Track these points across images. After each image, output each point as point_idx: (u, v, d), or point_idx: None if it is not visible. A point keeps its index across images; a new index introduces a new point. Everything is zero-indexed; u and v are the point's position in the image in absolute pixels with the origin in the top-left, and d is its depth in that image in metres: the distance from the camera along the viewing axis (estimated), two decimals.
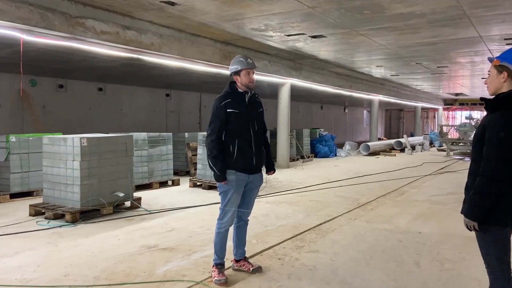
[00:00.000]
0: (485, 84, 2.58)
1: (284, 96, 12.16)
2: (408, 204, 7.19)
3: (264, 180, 3.99)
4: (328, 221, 5.94)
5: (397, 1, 5.99)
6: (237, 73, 3.70)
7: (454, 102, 30.92)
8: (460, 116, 35.50)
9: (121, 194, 6.32)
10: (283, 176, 10.39)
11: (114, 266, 4.05)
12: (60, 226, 5.54)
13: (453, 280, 3.73)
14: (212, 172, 3.66)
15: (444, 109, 32.13)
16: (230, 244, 3.92)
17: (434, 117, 35.68)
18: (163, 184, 8.80)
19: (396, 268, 4.03)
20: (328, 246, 4.73)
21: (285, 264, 4.12)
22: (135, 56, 7.70)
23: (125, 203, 6.65)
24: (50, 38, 6.26)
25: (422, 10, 6.43)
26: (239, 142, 3.63)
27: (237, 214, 3.83)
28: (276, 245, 4.77)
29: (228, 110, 3.61)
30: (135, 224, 5.70)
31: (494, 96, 2.44)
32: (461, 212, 2.57)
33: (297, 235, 5.20)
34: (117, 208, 6.36)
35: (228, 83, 3.78)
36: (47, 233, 5.28)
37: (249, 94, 3.76)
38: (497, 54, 8.25)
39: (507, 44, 9.09)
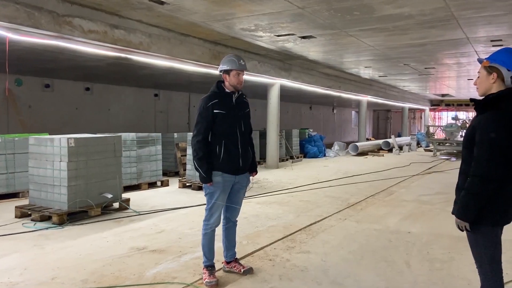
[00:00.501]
0: (475, 85, 2.60)
1: (274, 97, 12.15)
2: (397, 204, 7.23)
3: (250, 181, 3.96)
4: (318, 221, 5.95)
5: (386, 2, 6.03)
6: (227, 72, 3.65)
7: (440, 103, 31.32)
8: (446, 117, 35.96)
9: (110, 195, 6.24)
10: (273, 177, 10.38)
11: (103, 269, 3.98)
12: (47, 228, 5.44)
13: (443, 280, 3.75)
14: (198, 174, 3.62)
15: (430, 110, 32.50)
16: (220, 245, 3.89)
17: (421, 117, 36.06)
18: (152, 185, 8.72)
19: (387, 268, 4.05)
20: (319, 247, 4.73)
21: (276, 265, 4.10)
22: (123, 55, 7.61)
23: (114, 204, 6.56)
24: (37, 37, 6.15)
25: (411, 11, 6.48)
26: (226, 143, 3.59)
27: (225, 216, 3.80)
28: (267, 246, 4.76)
29: (215, 111, 3.55)
30: (124, 226, 5.63)
31: (483, 97, 2.45)
32: (452, 213, 2.58)
33: (288, 235, 5.19)
34: (106, 210, 6.27)
35: (215, 83, 3.72)
36: (33, 235, 5.17)
37: (236, 95, 3.72)
38: (484, 56, 8.38)
39: (493, 46, 9.22)
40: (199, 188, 8.28)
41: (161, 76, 11.99)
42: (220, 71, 3.70)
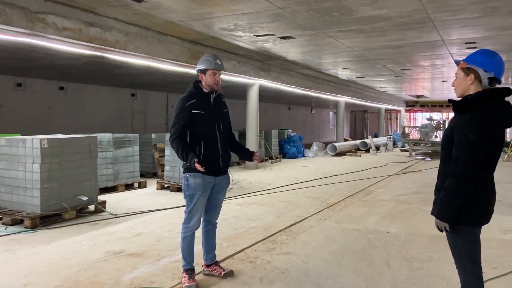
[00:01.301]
0: (453, 86, 2.61)
1: (253, 97, 12.12)
2: (375, 204, 7.30)
3: (230, 182, 3.91)
4: (298, 222, 5.94)
5: (365, 4, 6.07)
6: (203, 72, 3.58)
7: (415, 104, 31.98)
8: (421, 118, 36.77)
9: (85, 198, 6.06)
10: (252, 177, 10.34)
11: (78, 274, 3.85)
12: (19, 232, 5.23)
13: (423, 280, 3.78)
14: (185, 175, 3.54)
15: (406, 111, 33.14)
16: (199, 248, 3.82)
17: (397, 118, 36.74)
18: (129, 186, 8.53)
19: (367, 268, 4.06)
20: (299, 248, 4.71)
21: (257, 268, 4.06)
22: (99, 54, 7.43)
23: (89, 207, 6.38)
24: (8, 34, 5.91)
25: (389, 13, 6.55)
26: (205, 144, 3.52)
27: (204, 218, 3.74)
28: (248, 247, 4.70)
29: (193, 111, 3.48)
30: (100, 229, 5.47)
31: (461, 98, 2.46)
32: (432, 213, 2.59)
33: (268, 237, 5.15)
34: (80, 213, 6.09)
35: (193, 82, 3.65)
36: (4, 239, 4.97)
37: (214, 95, 3.65)
38: (458, 58, 8.54)
39: (467, 48, 9.44)
40: (178, 190, 8.16)
41: (139, 76, 11.77)
42: (197, 71, 3.64)
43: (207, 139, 3.54)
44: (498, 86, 2.45)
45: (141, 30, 7.60)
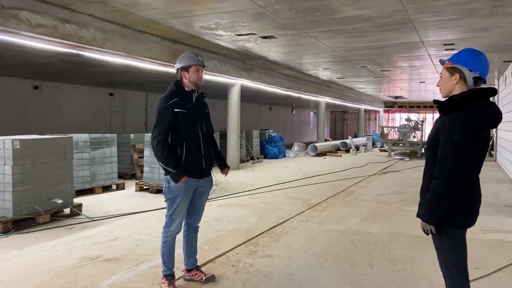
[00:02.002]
0: (437, 86, 2.58)
1: (234, 97, 12.01)
2: (356, 204, 7.30)
3: (214, 183, 3.80)
4: (281, 223, 5.87)
5: (347, 4, 6.05)
6: (185, 69, 3.46)
7: (393, 105, 32.43)
8: (399, 118, 37.36)
9: (60, 201, 5.84)
10: (233, 178, 10.23)
11: (52, 281, 3.68)
12: None
13: (406, 281, 3.76)
14: (166, 177, 3.40)
15: (384, 111, 33.58)
16: (180, 252, 3.70)
17: (375, 118, 37.23)
18: (106, 188, 8.30)
19: (351, 270, 4.01)
20: (282, 250, 4.63)
21: (239, 271, 3.96)
22: (75, 52, 7.18)
23: (64, 210, 6.15)
24: None
25: (370, 13, 6.55)
26: (187, 145, 3.41)
27: (186, 221, 3.62)
28: (229, 251, 4.60)
29: (175, 110, 3.36)
30: (76, 233, 5.27)
31: (446, 98, 2.42)
32: (417, 216, 2.55)
33: (250, 239, 5.06)
34: (55, 216, 5.86)
35: (174, 81, 3.52)
36: None
37: (196, 94, 3.54)
38: (436, 59, 8.59)
39: (445, 50, 9.57)
40: (157, 191, 7.99)
41: (117, 75, 11.51)
42: (178, 69, 3.51)
43: (189, 139, 3.44)
44: (483, 86, 2.42)
45: (119, 28, 7.40)
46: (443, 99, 2.49)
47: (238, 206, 7.03)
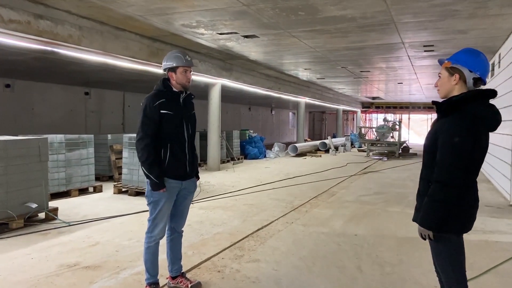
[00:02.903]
0: (436, 86, 2.50)
1: (215, 97, 11.84)
2: (340, 205, 7.27)
3: (197, 186, 3.65)
4: (265, 226, 5.76)
5: (331, 4, 6.00)
6: (172, 70, 3.32)
7: (371, 105, 32.85)
8: (376, 119, 37.92)
9: (34, 205, 5.56)
10: (214, 179, 10.07)
11: None
12: None
13: (395, 285, 3.71)
14: (148, 181, 3.24)
15: (362, 112, 33.99)
16: (163, 258, 3.54)
17: (353, 119, 37.65)
18: (83, 191, 8.00)
19: (340, 274, 3.94)
20: (268, 254, 4.52)
21: (226, 278, 3.82)
22: (49, 49, 6.88)
23: (39, 214, 5.87)
24: None
25: (354, 14, 6.52)
26: (172, 147, 3.27)
27: (169, 226, 3.46)
28: (214, 255, 4.46)
29: (161, 111, 3.21)
30: (52, 239, 5.02)
31: (446, 100, 2.36)
32: (414, 220, 2.48)
33: (235, 243, 4.93)
34: (29, 221, 5.58)
35: (161, 80, 3.36)
36: None
37: (183, 95, 3.39)
38: (415, 60, 8.57)
39: (425, 51, 9.68)
40: (137, 194, 7.76)
41: (93, 73, 11.16)
42: (165, 70, 3.36)
43: (174, 141, 3.29)
44: (482, 87, 2.37)
45: (96, 25, 7.14)
46: (440, 100, 2.43)
47: (220, 208, 6.89)
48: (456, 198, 2.21)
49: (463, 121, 2.21)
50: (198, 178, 3.65)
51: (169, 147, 3.26)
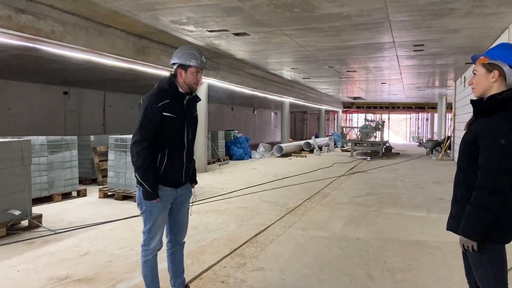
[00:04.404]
0: (470, 84, 2.33)
1: (201, 97, 11.50)
2: (335, 207, 7.12)
3: (193, 192, 3.36)
4: (263, 230, 5.54)
5: (329, 0, 5.83)
6: (183, 67, 2.98)
7: (352, 105, 33.07)
8: (357, 119, 38.25)
9: (17, 212, 5.18)
10: (203, 181, 9.78)
11: None
12: None
13: None
14: (141, 188, 2.92)
15: (343, 112, 34.17)
16: (161, 267, 3.28)
17: (334, 119, 37.86)
18: (66, 195, 7.58)
19: (351, 283, 3.75)
20: (272, 262, 4.31)
21: None
22: (30, 45, 6.49)
23: (22, 222, 5.48)
24: None
25: (350, 11, 6.38)
26: (170, 153, 2.97)
27: (170, 238, 3.19)
28: (215, 264, 4.22)
29: (164, 114, 2.90)
30: (38, 249, 4.66)
31: (487, 98, 2.18)
32: (449, 229, 2.31)
33: (235, 249, 4.70)
34: (12, 229, 5.20)
35: (166, 78, 3.03)
36: None
37: (188, 97, 3.07)
38: (403, 60, 8.43)
39: (414, 51, 9.66)
40: (124, 198, 7.42)
41: (73, 72, 10.69)
42: (174, 64, 3.02)
43: (173, 146, 2.99)
44: None
45: (80, 20, 6.77)
46: (476, 99, 2.26)
47: (213, 212, 6.63)
48: (503, 205, 2.05)
49: (509, 122, 2.05)
50: (196, 182, 3.40)
51: (166, 152, 2.96)
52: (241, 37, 8.34)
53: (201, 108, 11.57)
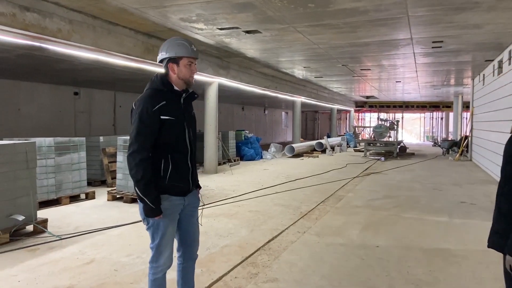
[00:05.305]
0: None
1: (212, 96, 11.32)
2: (350, 211, 6.82)
3: (200, 198, 3.06)
4: (276, 236, 5.29)
5: None
6: (174, 61, 2.68)
7: (364, 104, 32.56)
8: (369, 118, 37.72)
9: (21, 217, 4.99)
10: (213, 183, 9.56)
11: None
12: None
13: None
14: (142, 204, 2.64)
15: (355, 111, 33.68)
16: (170, 277, 3.04)
17: (346, 118, 37.37)
18: (74, 198, 7.42)
19: None
20: (286, 272, 4.05)
21: None
22: (37, 44, 6.31)
23: (27, 227, 5.30)
24: None
25: (367, 6, 6.07)
26: (174, 159, 2.69)
27: (181, 253, 2.92)
28: (226, 274, 3.98)
29: (162, 117, 2.62)
30: (41, 256, 4.47)
31: None
32: (490, 246, 2.03)
33: (246, 258, 4.45)
34: (16, 235, 5.02)
35: (158, 76, 2.73)
36: None
37: (184, 95, 2.78)
38: (420, 58, 8.01)
39: (432, 47, 9.29)
40: (132, 201, 7.22)
41: (83, 72, 10.56)
42: (163, 61, 2.72)
43: (176, 151, 2.71)
44: None
45: (88, 19, 6.58)
46: None
47: (224, 216, 6.39)
48: None
49: None
50: (200, 187, 3.07)
51: (170, 159, 2.68)
52: (252, 35, 8.09)
53: (212, 108, 11.36)
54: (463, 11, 6.34)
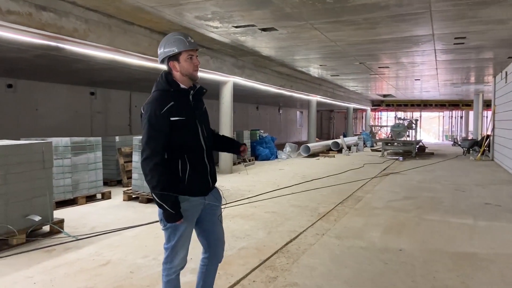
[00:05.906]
0: None
1: (227, 96, 11.23)
2: (370, 213, 6.64)
3: (222, 196, 2.96)
4: (294, 238, 5.15)
5: None
6: (174, 58, 2.60)
7: (381, 103, 32.08)
8: (386, 117, 37.19)
9: (37, 218, 4.97)
10: (228, 183, 9.46)
11: None
12: None
13: None
14: (161, 210, 2.56)
15: (372, 110, 33.24)
16: (186, 280, 2.94)
17: (362, 117, 36.92)
18: (90, 198, 7.41)
19: None
20: (306, 276, 3.91)
21: None
22: (53, 44, 6.30)
23: (43, 227, 5.27)
24: None
25: (389, 1, 5.88)
26: (190, 158, 2.61)
27: (208, 254, 2.83)
28: (244, 278, 3.86)
29: (172, 119, 2.53)
30: (57, 257, 4.43)
31: None
32: None
33: (264, 261, 4.32)
34: (32, 236, 4.99)
35: (163, 76, 2.65)
36: None
37: (193, 91, 2.69)
38: (441, 54, 7.76)
39: (454, 44, 9.01)
40: (148, 201, 7.17)
41: (99, 72, 10.59)
42: (163, 60, 2.64)
43: (191, 151, 2.62)
44: None
45: (103, 18, 6.55)
46: None
47: (240, 217, 6.28)
48: None
49: None
50: (216, 181, 2.92)
51: (186, 159, 2.59)
52: (268, 33, 7.96)
53: (227, 107, 11.27)
54: (488, 6, 6.09)
